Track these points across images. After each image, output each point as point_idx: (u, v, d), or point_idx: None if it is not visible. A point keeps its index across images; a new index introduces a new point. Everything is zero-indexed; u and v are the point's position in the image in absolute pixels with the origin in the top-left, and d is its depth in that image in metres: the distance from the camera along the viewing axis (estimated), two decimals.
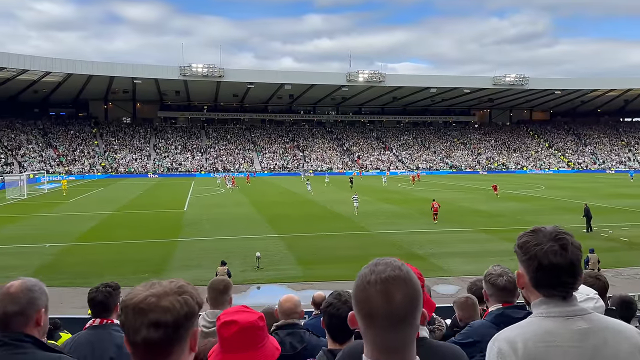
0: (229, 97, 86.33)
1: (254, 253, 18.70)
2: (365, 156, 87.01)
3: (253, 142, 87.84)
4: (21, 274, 9.18)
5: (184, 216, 31.35)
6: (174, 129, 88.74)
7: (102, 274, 16.71)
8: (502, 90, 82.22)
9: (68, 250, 21.30)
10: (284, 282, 16.64)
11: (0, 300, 1.85)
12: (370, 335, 1.25)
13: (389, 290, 1.22)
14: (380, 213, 32.21)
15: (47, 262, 19.23)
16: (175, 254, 20.60)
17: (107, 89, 77.43)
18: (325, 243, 22.49)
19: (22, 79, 66.88)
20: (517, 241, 1.65)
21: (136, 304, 1.23)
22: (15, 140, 74.37)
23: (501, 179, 68.57)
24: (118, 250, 21.35)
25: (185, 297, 1.26)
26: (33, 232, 25.81)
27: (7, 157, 69.46)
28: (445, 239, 23.69)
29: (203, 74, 69.14)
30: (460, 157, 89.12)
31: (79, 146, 78.14)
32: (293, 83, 74.72)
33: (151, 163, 77.59)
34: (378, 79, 75.05)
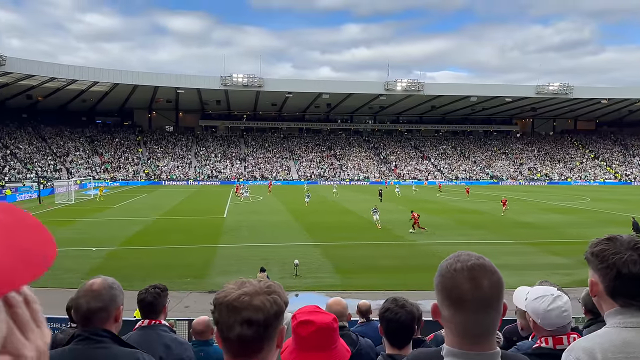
0: (268, 107, 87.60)
1: (292, 260, 18.84)
2: (403, 165, 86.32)
3: (290, 150, 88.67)
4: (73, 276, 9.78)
5: (223, 222, 31.92)
6: (214, 137, 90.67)
7: (146, 277, 17.18)
8: (545, 99, 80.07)
9: (114, 254, 22.03)
10: (322, 290, 16.68)
11: (83, 297, 1.96)
12: (460, 320, 1.32)
13: (476, 277, 1.31)
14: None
15: (95, 265, 19.93)
16: (215, 260, 20.99)
17: (151, 98, 80.00)
18: (363, 252, 22.41)
19: (71, 89, 70.03)
20: (590, 249, 1.64)
21: (230, 302, 1.30)
22: (63, 147, 77.75)
23: (544, 190, 66.64)
24: (161, 254, 21.94)
25: (274, 297, 1.33)
26: (81, 236, 26.82)
27: (56, 163, 72.64)
28: (486, 251, 23.04)
29: (243, 83, 70.47)
30: (501, 168, 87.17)
31: (124, 154, 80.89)
32: (331, 92, 75.12)
33: (192, 170, 79.42)
34: (416, 88, 74.50)
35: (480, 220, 33.00)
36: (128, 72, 68.97)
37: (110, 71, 67.40)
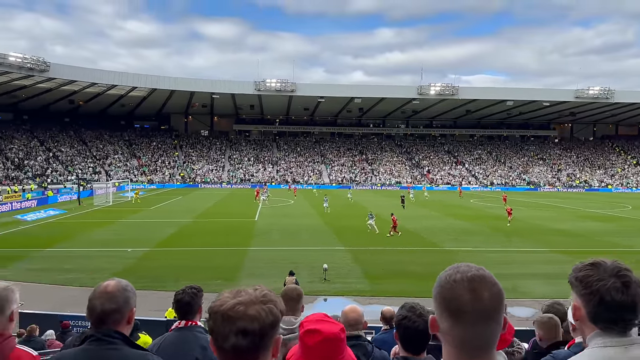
0: (300, 111, 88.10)
1: (321, 264, 18.88)
2: (436, 170, 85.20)
3: (322, 154, 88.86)
4: (107, 276, 10.02)
5: (255, 226, 32.27)
6: (247, 141, 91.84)
7: (178, 278, 17.58)
8: (585, 104, 77.55)
9: (148, 255, 22.58)
10: (351, 295, 16.64)
11: (98, 298, 2.01)
12: (459, 332, 1.29)
13: (476, 288, 1.29)
14: (450, 229, 31.39)
15: (129, 265, 20.50)
16: (246, 262, 21.25)
17: (187, 103, 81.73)
18: (393, 258, 22.26)
19: (111, 94, 72.28)
20: (574, 273, 1.64)
21: (225, 312, 1.28)
22: (103, 150, 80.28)
23: (583, 197, 64.51)
24: (194, 256, 22.36)
25: (270, 306, 1.32)
26: (117, 237, 27.63)
27: (96, 166, 75.06)
28: (519, 259, 22.66)
29: (276, 88, 71.15)
30: (539, 174, 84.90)
31: (161, 157, 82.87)
32: (363, 97, 74.92)
33: (225, 174, 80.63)
34: (450, 92, 73.50)
35: (515, 228, 32.23)
36: (165, 77, 70.69)
37: (148, 77, 69.26)
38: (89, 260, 21.27)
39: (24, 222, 33.53)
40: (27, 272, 19.18)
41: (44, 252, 22.89)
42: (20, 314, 9.26)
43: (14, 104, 74.93)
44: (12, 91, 67.15)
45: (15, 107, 76.55)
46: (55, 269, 19.54)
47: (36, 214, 36.89)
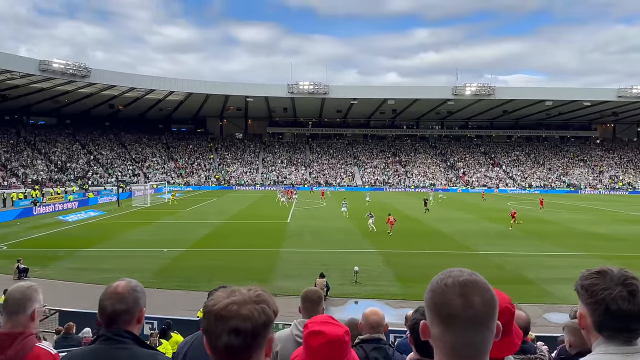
0: (333, 113, 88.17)
1: (352, 267, 18.80)
2: (472, 172, 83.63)
3: (355, 156, 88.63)
4: (142, 276, 10.37)
5: (287, 227, 32.45)
6: (280, 143, 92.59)
7: (212, 279, 17.84)
8: (628, 103, 74.51)
9: (183, 256, 23.03)
10: (382, 298, 16.50)
11: (108, 299, 2.04)
12: (449, 338, 1.25)
13: (468, 293, 1.25)
14: (484, 232, 30.75)
15: (164, 265, 20.96)
16: (278, 264, 21.39)
17: (222, 107, 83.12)
18: (425, 261, 21.93)
19: (149, 98, 74.28)
20: (580, 281, 1.60)
21: (218, 311, 1.28)
22: (142, 153, 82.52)
23: (626, 199, 62.04)
24: (227, 257, 22.66)
25: (262, 306, 1.33)
26: (153, 237, 28.31)
27: (135, 168, 77.24)
28: (557, 263, 21.95)
29: (309, 91, 71.46)
30: (579, 175, 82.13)
31: (197, 159, 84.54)
32: (396, 98, 74.36)
33: (259, 176, 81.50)
34: (487, 92, 72.04)
35: (551, 231, 31.27)
36: (201, 81, 72.12)
37: (185, 81, 70.81)
38: (127, 260, 21.86)
39: (66, 222, 34.78)
40: (67, 271, 19.88)
41: (83, 252, 23.67)
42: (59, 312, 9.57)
43: (58, 109, 77.98)
44: (56, 96, 69.93)
45: (58, 112, 79.68)
46: (94, 268, 20.17)
47: (77, 215, 38.21)
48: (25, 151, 69.60)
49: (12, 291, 2.45)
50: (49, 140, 75.10)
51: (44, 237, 28.35)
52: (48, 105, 74.95)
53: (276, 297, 7.83)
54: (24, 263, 19.13)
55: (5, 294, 2.46)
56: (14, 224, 33.57)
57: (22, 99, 70.15)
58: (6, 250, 23.93)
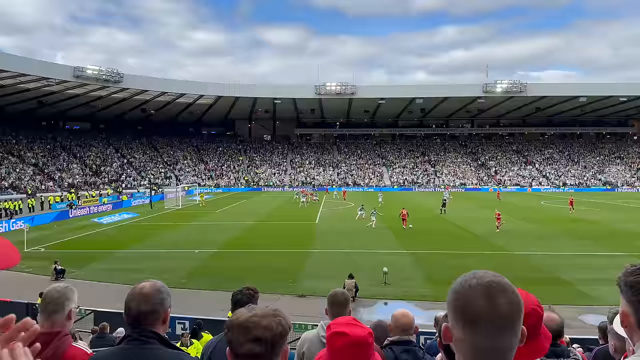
0: (360, 113, 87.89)
1: (381, 267, 18.66)
2: (504, 171, 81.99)
3: (383, 156, 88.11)
4: (174, 276, 10.50)
5: (315, 228, 32.49)
6: (308, 145, 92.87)
7: (243, 280, 17.93)
8: None
9: (213, 257, 23.35)
10: (412, 300, 16.31)
11: (134, 300, 2.07)
12: (472, 341, 1.21)
13: (492, 294, 1.21)
14: (518, 232, 30.07)
15: (196, 266, 21.28)
16: (307, 265, 21.43)
17: (250, 109, 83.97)
18: (456, 262, 21.58)
19: (180, 102, 75.65)
20: (624, 277, 1.51)
21: (242, 323, 1.44)
22: (173, 156, 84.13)
23: None
24: (257, 258, 22.83)
25: (279, 319, 1.47)
26: (185, 238, 28.78)
27: (167, 171, 78.79)
28: (594, 264, 21.27)
29: (336, 91, 71.45)
30: (616, 173, 79.45)
31: (226, 162, 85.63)
32: (425, 97, 73.55)
33: (287, 177, 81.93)
34: (518, 89, 70.50)
35: (588, 230, 30.34)
36: (230, 85, 73.01)
37: (214, 85, 71.86)
38: (159, 261, 22.29)
39: (100, 224, 35.73)
40: (102, 272, 20.40)
41: (117, 253, 24.25)
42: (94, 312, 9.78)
43: (92, 114, 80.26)
44: (90, 102, 71.96)
45: (92, 117, 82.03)
46: (127, 269, 20.62)
47: (111, 217, 39.22)
48: (62, 155, 71.89)
49: (50, 291, 2.51)
50: (84, 145, 77.38)
51: (80, 239, 29.19)
52: (83, 110, 77.24)
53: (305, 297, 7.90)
54: (61, 264, 19.72)
55: (43, 294, 2.53)
56: (51, 226, 34.68)
57: (58, 105, 72.52)
58: (44, 252, 24.73)
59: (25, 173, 62.68)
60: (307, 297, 16.58)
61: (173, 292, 2.20)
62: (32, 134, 73.74)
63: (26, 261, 22.53)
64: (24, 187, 58.63)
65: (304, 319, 12.89)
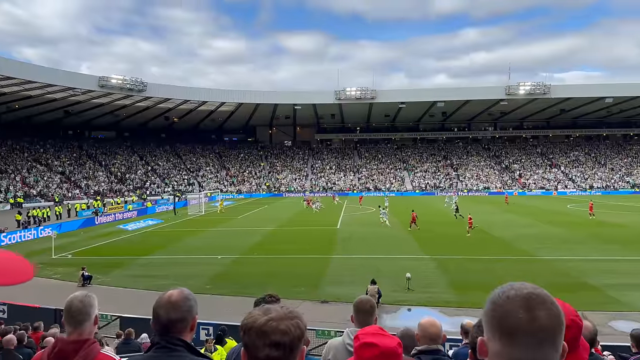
0: (381, 118, 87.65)
1: (404, 273, 18.49)
2: (528, 174, 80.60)
3: (404, 161, 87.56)
4: (197, 282, 10.60)
5: (337, 233, 32.41)
6: (329, 150, 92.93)
7: (265, 285, 18.03)
8: None
9: (236, 262, 23.47)
10: (436, 306, 16.09)
11: (163, 308, 2.07)
12: (510, 356, 1.17)
13: (532, 306, 1.17)
14: (543, 236, 29.46)
15: (219, 272, 21.41)
16: (329, 270, 21.36)
17: (271, 115, 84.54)
18: (480, 267, 21.27)
19: (202, 110, 76.65)
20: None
21: (259, 327, 1.42)
22: (196, 163, 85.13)
23: None
24: (279, 263, 22.89)
25: (297, 322, 1.46)
26: (208, 244, 29.03)
27: (190, 178, 79.74)
28: (623, 269, 20.68)
29: (356, 96, 71.42)
30: None
31: (248, 168, 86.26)
32: (446, 100, 72.95)
33: (308, 182, 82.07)
34: (542, 91, 69.38)
35: (616, 234, 29.54)
36: (251, 92, 73.71)
37: (235, 92, 72.61)
38: (183, 267, 22.52)
39: (126, 231, 36.31)
40: (127, 278, 20.70)
41: (142, 260, 24.59)
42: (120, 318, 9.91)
43: (117, 122, 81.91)
44: (115, 111, 73.47)
45: (117, 125, 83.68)
46: (152, 275, 20.89)
47: (136, 224, 39.82)
48: (88, 163, 73.44)
49: (72, 302, 2.53)
50: (109, 153, 78.93)
51: (106, 246, 29.71)
52: (108, 119, 78.90)
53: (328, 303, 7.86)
54: (87, 271, 20.08)
55: (67, 306, 2.54)
56: (77, 233, 35.39)
57: (84, 114, 74.23)
58: (71, 259, 25.24)
59: (53, 181, 64.22)
60: (329, 302, 16.52)
61: (197, 298, 2.21)
62: (59, 143, 75.60)
63: (53, 268, 23.05)
64: (52, 194, 60.06)
65: (327, 325, 12.82)
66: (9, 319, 13.57)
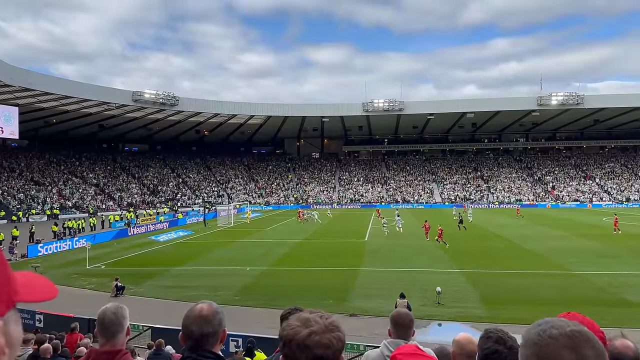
0: (409, 129, 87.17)
1: (433, 287, 18.22)
2: (562, 186, 78.57)
3: (433, 172, 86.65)
4: (226, 293, 10.71)
5: (365, 246, 32.23)
6: (356, 162, 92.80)
7: (293, 297, 18.07)
8: None
9: (264, 274, 23.58)
10: (467, 321, 15.77)
11: (194, 323, 2.12)
12: None
13: (578, 345, 1.11)
14: (579, 250, 28.60)
15: (247, 283, 21.55)
16: (357, 283, 21.23)
17: (299, 127, 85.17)
18: (513, 282, 20.78)
19: (232, 123, 77.87)
20: None
21: (301, 341, 1.40)
22: (225, 175, 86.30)
23: None
24: (307, 276, 22.88)
25: (338, 334, 1.44)
26: (237, 256, 29.27)
27: (219, 190, 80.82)
28: None
29: (384, 108, 71.29)
30: None
31: (276, 180, 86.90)
32: (476, 111, 72.03)
33: (336, 194, 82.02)
34: (575, 101, 67.79)
35: None
36: (279, 104, 74.51)
37: (264, 105, 73.54)
38: (212, 279, 22.74)
39: (157, 242, 36.97)
40: (158, 288, 21.03)
41: (173, 270, 24.97)
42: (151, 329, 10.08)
43: (149, 136, 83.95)
44: (148, 124, 75.36)
45: (150, 139, 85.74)
46: (182, 286, 21.18)
47: (168, 235, 40.52)
48: (121, 176, 75.34)
49: (105, 313, 2.60)
50: (142, 166, 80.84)
51: (138, 257, 30.30)
52: (141, 132, 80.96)
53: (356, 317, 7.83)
54: (120, 281, 20.50)
55: (100, 318, 2.61)
56: (111, 244, 36.22)
57: (118, 128, 76.39)
58: (104, 270, 25.83)
59: (88, 193, 66.08)
60: (357, 316, 16.40)
61: (226, 309, 2.26)
62: (94, 156, 77.87)
63: (88, 278, 23.63)
64: (86, 206, 61.77)
65: (356, 339, 12.74)
66: (45, 328, 13.96)
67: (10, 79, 47.27)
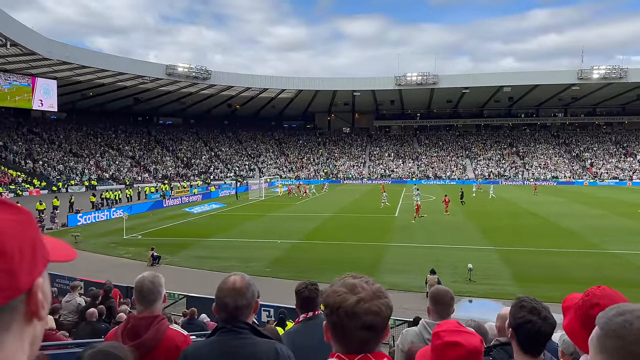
0: (443, 104, 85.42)
1: (464, 264, 18.12)
2: (600, 163, 76.02)
3: (466, 148, 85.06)
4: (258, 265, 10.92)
5: (395, 222, 32.16)
6: (387, 137, 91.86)
7: (322, 271, 18.29)
8: None
9: (295, 247, 23.90)
10: (499, 298, 15.64)
11: (230, 296, 2.17)
12: None
13: None
14: (617, 229, 27.83)
15: (278, 256, 21.91)
16: (386, 258, 21.30)
17: (330, 102, 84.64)
18: (547, 260, 20.43)
19: (263, 97, 78.01)
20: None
21: (350, 308, 1.37)
22: (256, 149, 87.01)
23: None
24: (336, 249, 23.07)
25: (386, 300, 1.42)
26: (268, 229, 29.71)
27: (251, 163, 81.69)
28: None
29: (417, 82, 69.92)
30: None
31: (306, 154, 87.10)
32: (513, 85, 69.84)
33: (366, 170, 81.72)
34: (618, 75, 64.86)
35: None
36: (310, 78, 74.06)
37: (295, 79, 73.22)
38: (244, 250, 23.23)
39: (191, 214, 37.85)
40: (193, 259, 21.65)
41: (206, 242, 25.60)
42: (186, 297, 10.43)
43: (183, 109, 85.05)
44: (181, 98, 76.29)
45: (183, 112, 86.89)
46: (216, 257, 21.72)
47: (201, 207, 41.38)
48: (156, 149, 76.95)
49: (143, 283, 2.71)
50: (176, 139, 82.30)
51: (173, 228, 31.14)
52: (174, 106, 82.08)
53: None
54: (156, 251, 21.16)
55: (138, 287, 2.72)
56: (147, 215, 37.29)
57: (152, 102, 77.60)
58: (141, 240, 26.68)
59: (124, 165, 67.90)
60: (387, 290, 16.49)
61: (258, 281, 2.30)
62: (130, 129, 79.64)
63: (125, 247, 24.49)
64: (123, 178, 63.56)
65: None
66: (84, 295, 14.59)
67: (48, 53, 48.41)
